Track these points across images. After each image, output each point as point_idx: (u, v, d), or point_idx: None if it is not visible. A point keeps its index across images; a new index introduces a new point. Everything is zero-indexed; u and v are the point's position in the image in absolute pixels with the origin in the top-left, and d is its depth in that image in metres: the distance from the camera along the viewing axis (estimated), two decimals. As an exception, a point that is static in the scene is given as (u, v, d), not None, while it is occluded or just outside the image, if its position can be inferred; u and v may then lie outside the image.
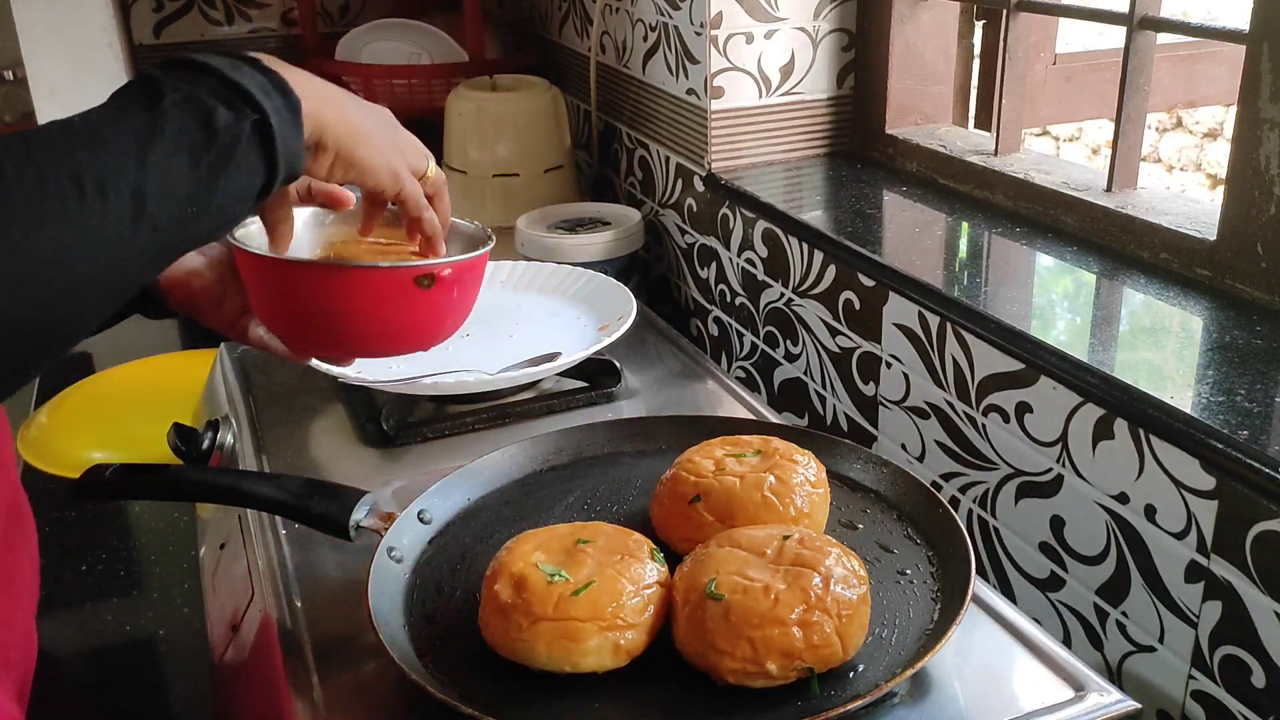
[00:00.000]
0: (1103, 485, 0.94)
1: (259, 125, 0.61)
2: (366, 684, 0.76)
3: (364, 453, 1.06)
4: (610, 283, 1.27)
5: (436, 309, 0.79)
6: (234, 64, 0.62)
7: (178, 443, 1.13)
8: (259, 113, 0.61)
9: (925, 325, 1.12)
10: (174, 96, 0.59)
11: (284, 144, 0.63)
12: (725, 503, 0.81)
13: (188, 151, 0.58)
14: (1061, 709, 0.70)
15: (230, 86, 0.61)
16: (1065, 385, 0.95)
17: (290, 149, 0.64)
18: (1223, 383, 0.88)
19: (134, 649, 1.14)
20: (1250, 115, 0.98)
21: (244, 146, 0.61)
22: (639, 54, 1.65)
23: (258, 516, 0.96)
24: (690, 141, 1.54)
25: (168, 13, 2.14)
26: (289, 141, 0.63)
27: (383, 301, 0.76)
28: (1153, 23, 1.11)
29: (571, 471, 0.95)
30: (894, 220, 1.33)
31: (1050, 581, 1.02)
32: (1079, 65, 1.56)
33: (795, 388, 1.39)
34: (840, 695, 0.68)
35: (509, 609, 0.70)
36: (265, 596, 0.88)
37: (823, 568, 0.70)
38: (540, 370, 1.09)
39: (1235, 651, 0.84)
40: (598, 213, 1.60)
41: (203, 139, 0.59)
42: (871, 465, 0.91)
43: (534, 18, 2.14)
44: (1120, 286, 1.08)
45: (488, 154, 1.68)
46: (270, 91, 0.62)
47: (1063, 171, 1.27)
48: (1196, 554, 0.86)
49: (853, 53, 1.50)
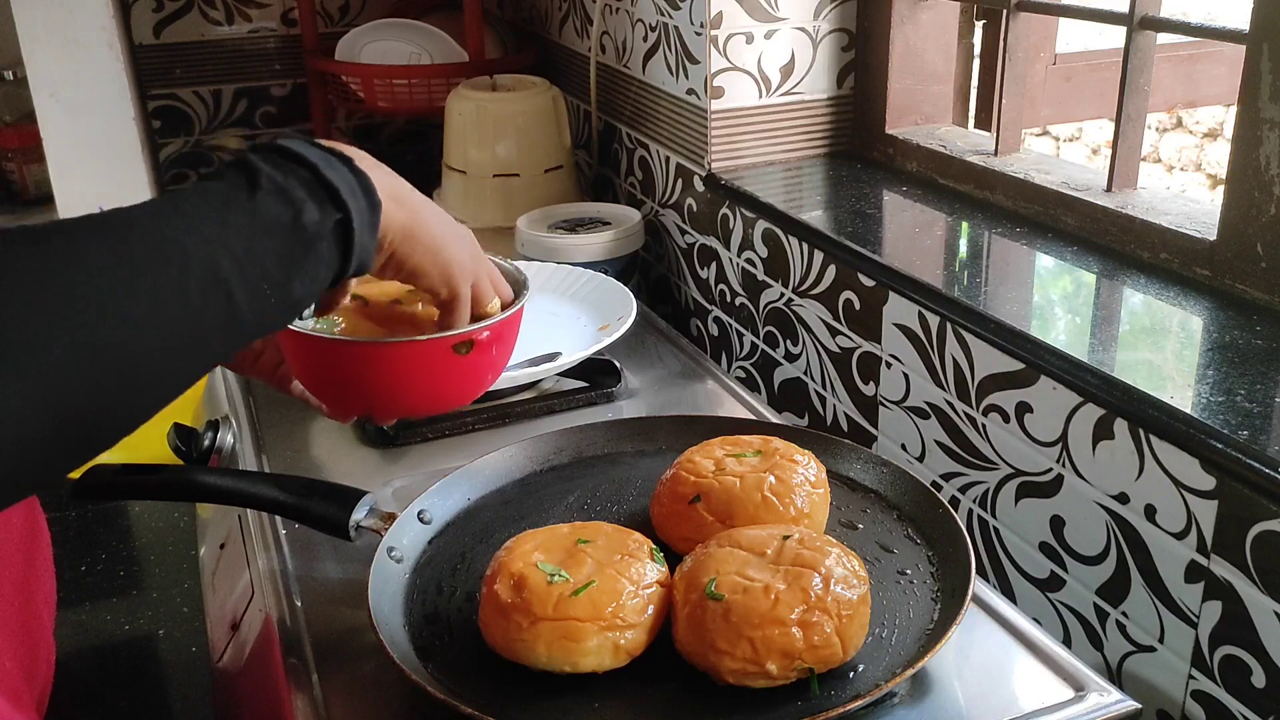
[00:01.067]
0: (1103, 485, 0.94)
1: (341, 224, 0.63)
2: (366, 684, 0.76)
3: (364, 453, 1.06)
4: (610, 283, 1.27)
5: (475, 370, 0.80)
6: (328, 159, 0.64)
7: (178, 443, 1.13)
8: (343, 211, 0.63)
9: (925, 325, 1.12)
10: (269, 185, 0.60)
11: (360, 244, 0.65)
12: (725, 503, 0.81)
13: (273, 242, 0.60)
14: (1061, 709, 0.70)
15: (322, 184, 0.63)
16: (1065, 385, 0.95)
17: (365, 248, 0.66)
18: (1223, 383, 0.88)
19: (134, 649, 1.14)
20: (1250, 115, 0.98)
21: (326, 243, 0.63)
22: (639, 54, 1.65)
23: (258, 516, 0.96)
24: (690, 141, 1.54)
25: (168, 13, 2.15)
26: (365, 242, 0.66)
27: (424, 371, 0.77)
28: (1153, 23, 1.11)
29: (571, 471, 0.95)
30: (894, 220, 1.33)
31: (1050, 581, 1.02)
32: (1079, 65, 1.56)
33: (795, 388, 1.39)
34: (840, 695, 0.68)
35: (509, 609, 0.70)
36: (265, 596, 0.88)
37: (823, 568, 0.70)
38: (540, 370, 1.09)
39: (1235, 651, 0.84)
40: (598, 213, 1.60)
41: (290, 232, 0.61)
42: (871, 465, 0.91)
43: (534, 18, 2.14)
44: (1120, 286, 1.08)
45: (488, 154, 1.68)
46: (356, 192, 0.64)
47: (1063, 171, 1.27)
48: (1196, 554, 0.86)
49: (853, 53, 1.50)
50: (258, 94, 2.26)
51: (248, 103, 2.25)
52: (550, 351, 1.13)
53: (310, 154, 0.63)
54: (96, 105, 1.83)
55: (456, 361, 0.77)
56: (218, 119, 2.24)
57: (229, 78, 2.23)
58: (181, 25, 2.16)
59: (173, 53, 2.17)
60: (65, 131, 1.82)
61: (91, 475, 0.88)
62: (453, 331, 0.76)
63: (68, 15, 1.78)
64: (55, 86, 1.80)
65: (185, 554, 1.25)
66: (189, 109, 2.22)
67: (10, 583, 0.78)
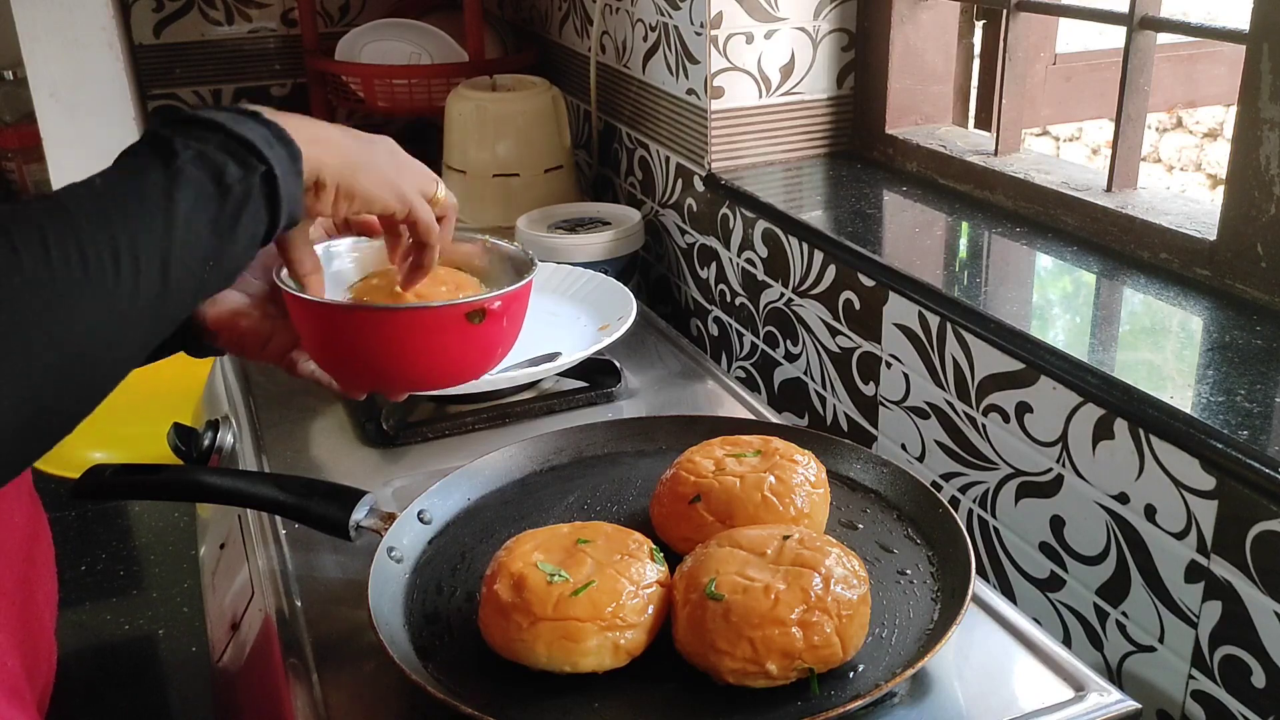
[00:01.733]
0: (1103, 485, 0.94)
1: (266, 176, 0.63)
2: (366, 684, 0.76)
3: (364, 453, 1.06)
4: (610, 283, 1.27)
5: (488, 341, 0.80)
6: (236, 118, 0.64)
7: (178, 443, 1.13)
8: (265, 164, 0.63)
9: (925, 325, 1.12)
10: (186, 155, 0.60)
11: (287, 192, 0.65)
12: (725, 503, 0.81)
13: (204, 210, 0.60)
14: (1061, 709, 0.70)
15: (237, 140, 0.62)
16: (1065, 385, 0.95)
17: (292, 196, 0.65)
18: (1223, 383, 0.88)
19: (134, 649, 1.14)
20: (1250, 115, 0.98)
21: (254, 198, 0.62)
22: (639, 54, 1.65)
23: (258, 516, 0.96)
24: (690, 141, 1.54)
25: (168, 13, 2.15)
26: (291, 189, 0.65)
27: (436, 339, 0.77)
28: (1153, 23, 1.11)
29: (571, 471, 0.95)
30: (894, 220, 1.33)
31: (1050, 581, 1.02)
32: (1079, 65, 1.56)
33: (795, 388, 1.39)
34: (840, 695, 0.68)
35: (509, 609, 0.70)
36: (265, 596, 0.88)
37: (823, 568, 0.70)
38: (540, 370, 1.09)
39: (1235, 651, 0.84)
40: (598, 213, 1.60)
41: (217, 196, 0.60)
42: (871, 465, 0.91)
43: (534, 18, 2.14)
44: (1120, 286, 1.08)
45: (488, 154, 1.68)
46: (273, 142, 0.64)
47: (1063, 171, 1.27)
48: (1196, 554, 0.86)
49: (853, 53, 1.50)
50: (258, 94, 2.26)
51: (248, 103, 2.25)
52: (550, 351, 1.13)
53: (217, 116, 0.63)
54: (96, 105, 1.83)
55: (469, 330, 0.78)
56: (218, 119, 2.24)
57: (229, 78, 2.23)
58: (181, 25, 2.16)
59: (173, 53, 2.17)
60: (65, 131, 1.82)
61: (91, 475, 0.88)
62: (466, 299, 0.78)
63: (68, 15, 1.78)
64: (55, 86, 1.80)
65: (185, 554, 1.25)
66: (189, 109, 2.22)
67: (12, 582, 0.78)
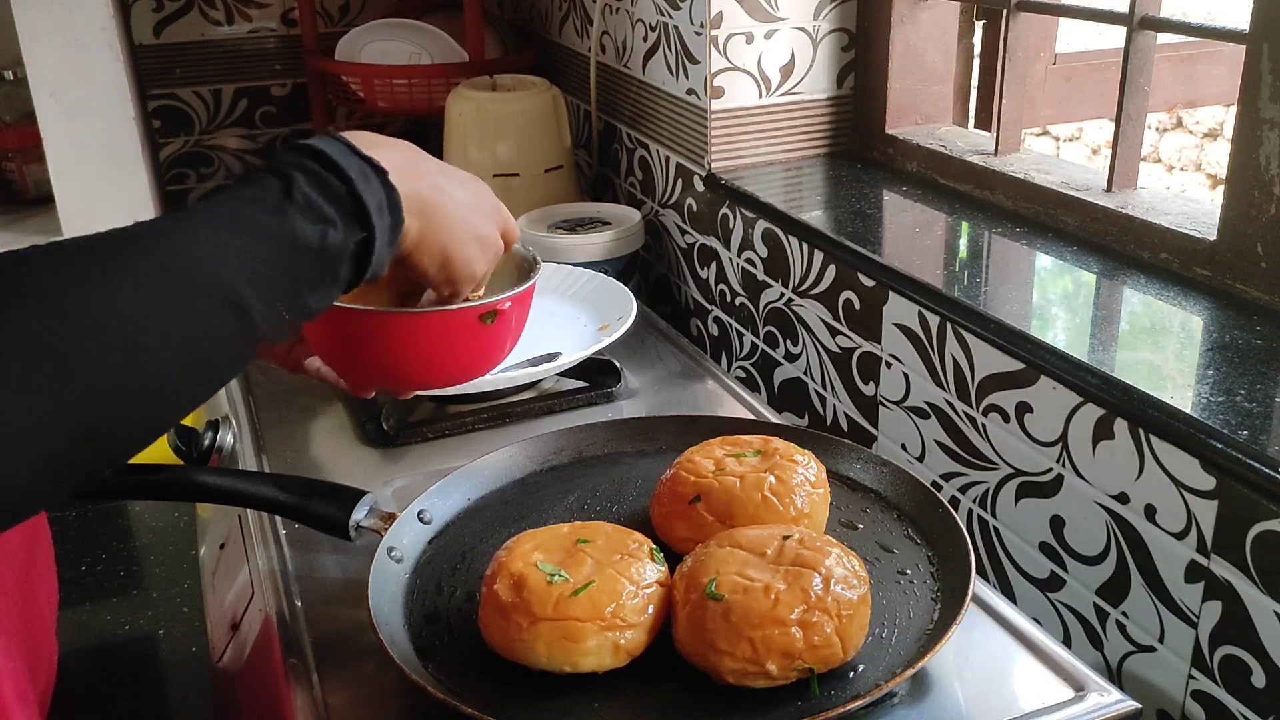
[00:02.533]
0: (1103, 485, 0.94)
1: (363, 243, 0.65)
2: (366, 684, 0.76)
3: (364, 453, 1.06)
4: (610, 283, 1.27)
5: (497, 339, 0.82)
6: (364, 171, 0.65)
7: (178, 443, 1.13)
8: (368, 231, 0.64)
9: (925, 325, 1.12)
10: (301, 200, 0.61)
11: (377, 260, 0.66)
12: (725, 503, 0.81)
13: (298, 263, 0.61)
14: (1061, 709, 0.70)
15: (355, 200, 0.64)
16: (1065, 385, 0.95)
17: (380, 263, 0.67)
18: (1223, 383, 0.88)
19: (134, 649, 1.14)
20: (1250, 115, 0.98)
21: (345, 263, 0.64)
22: (639, 54, 1.65)
23: (258, 516, 0.96)
24: (690, 141, 1.54)
25: (168, 13, 2.14)
26: (382, 257, 0.67)
27: (450, 341, 0.79)
28: (1153, 23, 1.11)
29: (571, 471, 0.95)
30: (894, 220, 1.33)
31: (1050, 581, 1.02)
32: (1079, 65, 1.56)
33: (795, 388, 1.39)
34: (840, 695, 0.68)
35: (509, 609, 0.70)
36: (265, 596, 0.88)
37: (823, 568, 0.70)
38: (540, 370, 1.09)
39: (1235, 651, 0.84)
40: (598, 213, 1.60)
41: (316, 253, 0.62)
42: (871, 465, 0.91)
43: (534, 18, 2.14)
44: (1120, 286, 1.08)
45: (488, 154, 1.68)
46: (384, 210, 0.66)
47: (1063, 171, 1.27)
48: (1196, 554, 0.86)
49: (853, 53, 1.50)
50: (258, 94, 2.25)
51: (248, 103, 2.25)
52: (550, 351, 1.13)
53: (349, 166, 0.64)
54: (96, 105, 1.83)
55: (480, 331, 0.79)
56: (218, 119, 2.24)
57: (229, 78, 2.23)
58: (181, 25, 2.16)
59: (173, 53, 2.17)
60: (65, 131, 1.81)
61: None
62: (479, 301, 0.79)
63: (68, 15, 1.78)
64: (55, 86, 1.79)
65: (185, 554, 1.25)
66: (189, 109, 2.22)
67: (13, 582, 0.78)
